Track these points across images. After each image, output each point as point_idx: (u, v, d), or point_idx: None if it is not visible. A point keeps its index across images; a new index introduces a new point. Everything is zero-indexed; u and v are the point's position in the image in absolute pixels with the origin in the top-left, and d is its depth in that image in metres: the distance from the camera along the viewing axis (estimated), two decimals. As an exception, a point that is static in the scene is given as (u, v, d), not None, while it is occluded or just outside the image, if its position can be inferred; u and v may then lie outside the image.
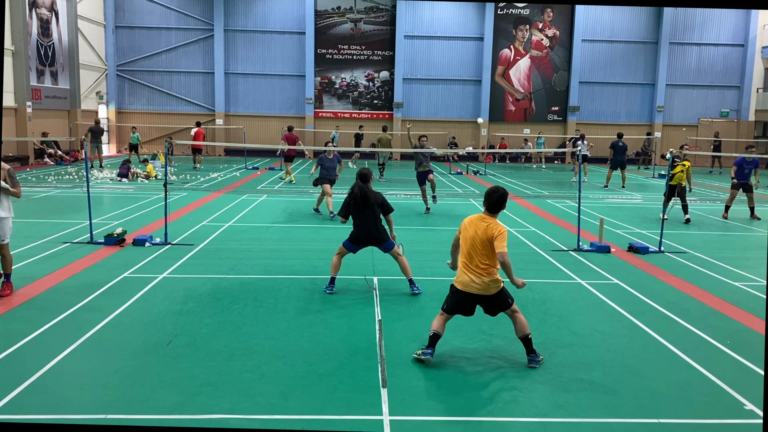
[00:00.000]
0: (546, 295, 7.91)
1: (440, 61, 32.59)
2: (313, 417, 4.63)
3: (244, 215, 13.54)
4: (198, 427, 4.45)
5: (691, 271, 9.48)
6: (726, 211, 14.72)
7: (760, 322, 7.01)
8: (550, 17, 32.52)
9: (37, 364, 5.38)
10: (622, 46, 32.84)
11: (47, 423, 4.35)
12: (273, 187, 18.83)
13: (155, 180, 19.53)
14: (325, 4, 31.82)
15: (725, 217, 14.56)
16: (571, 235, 11.45)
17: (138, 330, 6.32)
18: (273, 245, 10.67)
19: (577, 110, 32.79)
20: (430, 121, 32.72)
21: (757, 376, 5.55)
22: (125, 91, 32.33)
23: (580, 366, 5.67)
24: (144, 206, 14.36)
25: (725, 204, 14.89)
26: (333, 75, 32.55)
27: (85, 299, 7.23)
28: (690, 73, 33.05)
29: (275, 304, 7.27)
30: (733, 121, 33.17)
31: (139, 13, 31.65)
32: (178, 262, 9.12)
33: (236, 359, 5.62)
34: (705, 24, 32.72)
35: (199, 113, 32.37)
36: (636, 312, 7.28)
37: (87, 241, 10.30)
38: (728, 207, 14.73)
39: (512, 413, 4.76)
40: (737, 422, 4.76)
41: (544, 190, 20.03)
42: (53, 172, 21.55)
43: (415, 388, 5.12)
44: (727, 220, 14.32)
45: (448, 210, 14.87)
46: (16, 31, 23.38)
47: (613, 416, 4.76)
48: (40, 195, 15.87)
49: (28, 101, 24.06)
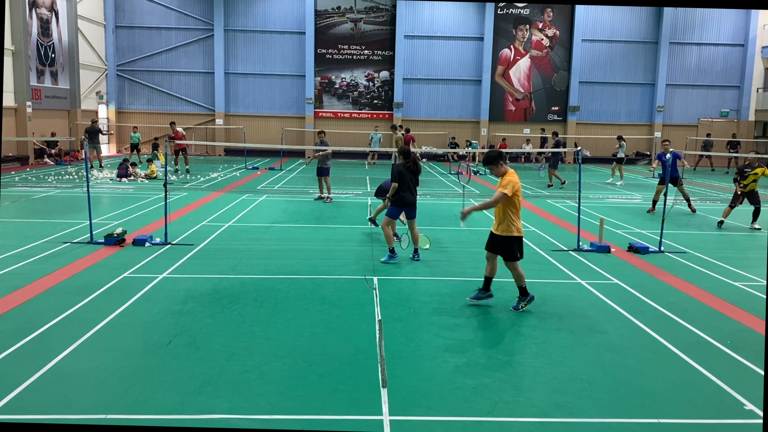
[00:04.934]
0: (546, 295, 7.91)
1: (440, 61, 32.58)
2: (313, 417, 4.63)
3: (244, 215, 13.54)
4: (198, 427, 4.45)
5: (691, 271, 9.48)
6: (653, 206, 15.32)
7: (760, 322, 7.01)
8: (550, 17, 32.51)
9: (37, 364, 5.38)
10: (622, 46, 32.84)
11: (47, 423, 4.35)
12: (273, 187, 18.83)
13: (155, 180, 19.53)
14: (325, 4, 31.82)
15: (651, 211, 15.18)
16: (571, 235, 11.45)
17: (138, 330, 6.32)
18: (273, 245, 10.67)
19: (577, 110, 32.79)
20: (430, 121, 32.72)
21: (757, 376, 5.55)
22: (125, 91, 32.33)
23: (580, 366, 5.67)
24: (144, 206, 14.36)
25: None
26: (333, 75, 32.55)
27: (85, 299, 7.23)
28: (690, 73, 33.05)
29: (275, 304, 7.27)
30: (733, 121, 33.17)
31: (139, 13, 31.64)
32: (178, 262, 9.12)
33: (236, 359, 5.62)
34: (705, 24, 32.72)
35: (199, 113, 32.39)
36: (636, 312, 7.28)
37: (87, 241, 10.30)
38: (655, 201, 15.26)
39: (512, 413, 4.76)
40: (737, 422, 4.75)
41: (544, 190, 20.03)
42: (53, 172, 21.55)
43: (415, 388, 5.12)
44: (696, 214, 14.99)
45: (448, 210, 14.87)
46: (16, 31, 23.39)
47: (613, 416, 4.76)
48: (40, 195, 15.87)
49: (28, 101, 24.06)
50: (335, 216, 13.76)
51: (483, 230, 11.75)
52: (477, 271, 8.77)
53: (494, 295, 7.46)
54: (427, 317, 6.96)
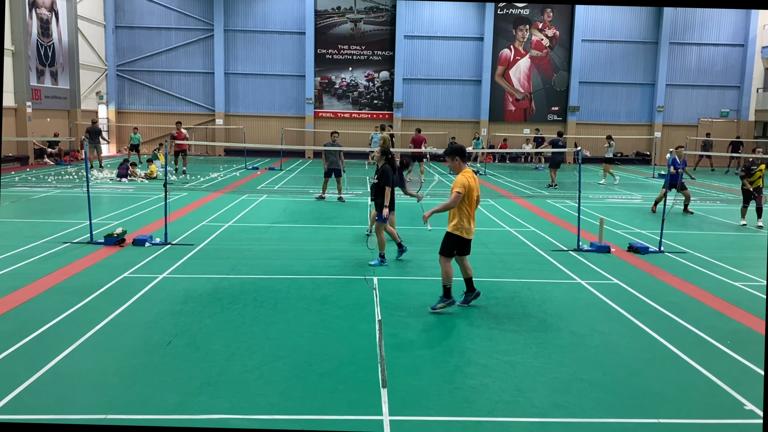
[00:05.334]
0: (546, 295, 7.91)
1: (440, 61, 32.57)
2: (313, 417, 4.63)
3: (244, 215, 13.55)
4: (198, 427, 4.45)
5: (691, 271, 9.48)
6: (655, 205, 15.51)
7: (760, 322, 7.01)
8: (550, 17, 32.51)
9: (37, 364, 5.38)
10: (622, 46, 32.83)
11: (47, 423, 4.35)
12: (273, 187, 18.83)
13: (155, 180, 19.53)
14: (325, 4, 31.82)
15: (653, 211, 15.31)
16: (571, 235, 11.44)
17: (138, 330, 6.32)
18: (273, 245, 10.67)
19: (577, 110, 32.78)
20: (430, 121, 32.71)
21: (757, 376, 5.55)
22: (125, 91, 32.32)
23: (580, 366, 5.67)
24: (144, 206, 14.36)
25: None
26: (333, 75, 32.54)
27: (85, 299, 7.23)
28: (690, 73, 33.04)
29: (275, 304, 7.27)
30: (733, 121, 33.18)
31: (139, 13, 31.64)
32: (178, 262, 9.12)
33: (236, 359, 5.62)
34: (705, 24, 32.72)
35: (199, 113, 32.38)
36: (636, 312, 7.28)
37: (87, 241, 10.30)
38: (657, 202, 15.42)
39: (512, 413, 4.76)
40: (737, 422, 4.75)
41: (544, 190, 20.03)
42: (53, 172, 21.55)
43: (415, 388, 5.12)
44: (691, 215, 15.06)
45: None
46: (16, 31, 23.38)
47: (613, 416, 4.76)
48: (40, 195, 15.87)
49: (28, 101, 24.06)
50: (335, 216, 13.76)
51: (483, 230, 11.75)
52: (476, 271, 8.76)
53: (491, 295, 7.45)
54: (427, 317, 6.96)
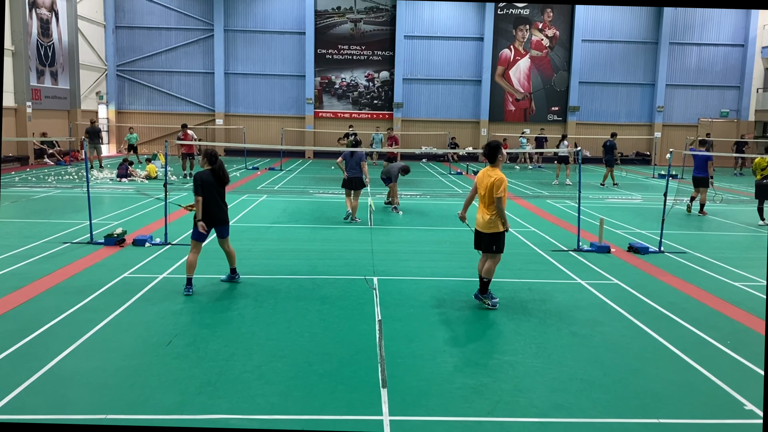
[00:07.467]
0: (546, 295, 7.91)
1: (440, 61, 32.57)
2: (313, 417, 4.63)
3: (244, 215, 13.54)
4: (198, 427, 4.45)
5: (691, 271, 9.48)
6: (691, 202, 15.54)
7: (760, 322, 7.01)
8: (550, 17, 32.51)
9: (37, 364, 5.38)
10: (622, 46, 32.83)
11: (47, 423, 4.35)
12: (274, 187, 18.83)
13: (155, 180, 19.53)
14: (325, 4, 31.82)
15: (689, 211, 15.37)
16: (571, 236, 11.44)
17: (138, 330, 6.32)
18: (273, 245, 10.67)
19: (577, 110, 32.79)
20: (430, 121, 32.72)
21: (757, 376, 5.55)
22: (125, 91, 32.32)
23: (579, 366, 5.66)
24: (144, 206, 14.35)
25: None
26: (333, 75, 32.54)
27: (85, 299, 7.23)
28: (690, 73, 33.04)
29: (275, 304, 7.27)
30: (733, 121, 33.18)
31: (139, 13, 31.64)
32: (178, 262, 9.12)
33: (236, 359, 5.62)
34: (705, 24, 32.72)
35: (199, 113, 32.38)
36: (636, 312, 7.28)
37: (87, 241, 10.30)
38: (693, 198, 15.50)
39: (512, 413, 4.76)
40: (737, 422, 4.75)
41: (544, 190, 20.03)
42: (53, 172, 21.55)
43: (415, 388, 5.12)
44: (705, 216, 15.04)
45: (447, 210, 14.87)
46: (16, 31, 23.38)
47: (613, 416, 4.76)
48: (40, 195, 15.87)
49: (28, 101, 24.06)
50: (335, 216, 13.76)
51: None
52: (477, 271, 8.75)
53: (495, 296, 7.46)
54: (427, 317, 6.96)
